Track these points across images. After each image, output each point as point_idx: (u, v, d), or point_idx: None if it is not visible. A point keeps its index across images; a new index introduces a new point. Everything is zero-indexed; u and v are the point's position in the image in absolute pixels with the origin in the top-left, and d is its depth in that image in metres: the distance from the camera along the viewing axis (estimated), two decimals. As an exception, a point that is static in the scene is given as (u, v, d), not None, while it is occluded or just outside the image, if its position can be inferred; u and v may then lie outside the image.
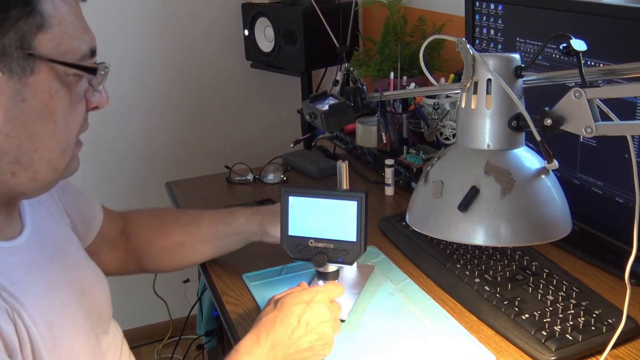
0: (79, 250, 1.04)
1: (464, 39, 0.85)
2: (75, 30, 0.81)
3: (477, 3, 1.43)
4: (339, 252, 1.08)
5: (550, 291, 1.09)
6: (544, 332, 0.99)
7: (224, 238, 1.27)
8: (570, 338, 0.98)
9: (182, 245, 1.28)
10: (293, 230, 1.10)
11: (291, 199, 1.10)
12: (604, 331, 0.99)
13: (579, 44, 0.79)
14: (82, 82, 0.83)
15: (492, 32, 1.41)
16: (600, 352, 0.95)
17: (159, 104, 2.56)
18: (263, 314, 0.99)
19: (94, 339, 0.96)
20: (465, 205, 0.83)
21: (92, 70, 0.82)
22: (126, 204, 2.69)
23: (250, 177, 1.77)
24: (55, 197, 1.06)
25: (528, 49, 1.31)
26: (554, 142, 0.85)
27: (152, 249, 1.28)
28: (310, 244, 1.09)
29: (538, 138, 0.81)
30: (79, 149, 0.88)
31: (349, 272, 1.21)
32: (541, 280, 1.13)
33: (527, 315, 1.03)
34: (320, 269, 1.12)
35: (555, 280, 1.13)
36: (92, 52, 0.84)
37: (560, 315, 1.03)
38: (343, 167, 1.16)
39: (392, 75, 1.83)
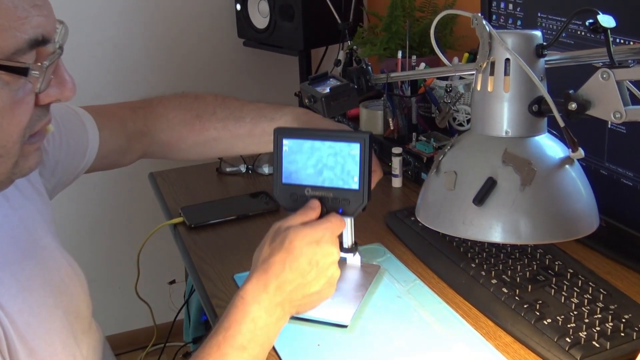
0: (55, 240, 1.04)
1: (479, 14, 0.85)
2: (8, 19, 0.74)
3: (495, -26, 1.43)
4: (340, 201, 1.04)
5: (575, 293, 1.10)
6: (568, 339, 0.99)
7: (264, 136, 1.27)
8: (597, 345, 0.98)
9: (217, 141, 1.29)
10: (287, 178, 1.06)
11: (285, 141, 1.05)
12: (634, 337, 0.99)
13: (607, 20, 0.79)
14: (23, 78, 0.78)
15: (510, 6, 1.41)
16: (630, 360, 0.96)
17: (141, 86, 2.56)
18: (268, 253, 0.96)
19: (72, 341, 0.97)
20: (481, 198, 0.83)
21: (21, 71, 0.76)
22: (106, 195, 2.71)
23: (242, 167, 1.77)
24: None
25: (550, 26, 1.31)
26: (579, 129, 0.85)
27: (183, 145, 1.30)
28: (306, 193, 1.05)
29: (562, 124, 0.81)
30: (36, 145, 0.85)
31: (352, 272, 1.22)
32: (565, 282, 1.13)
33: (549, 320, 1.04)
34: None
35: (580, 282, 1.13)
36: (37, 42, 0.77)
37: (586, 320, 1.03)
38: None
39: (399, 54, 1.82)
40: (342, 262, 1.07)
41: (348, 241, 1.12)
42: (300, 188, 1.05)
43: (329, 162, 1.04)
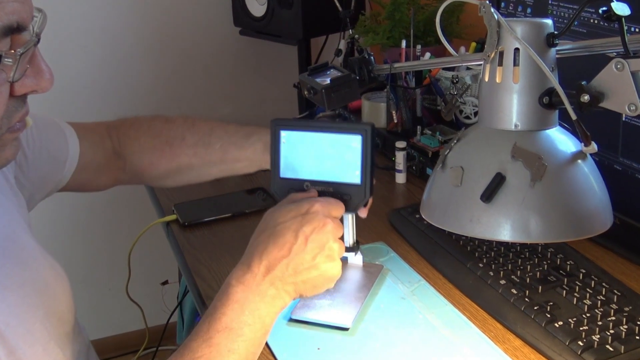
0: (35, 241, 1.04)
1: (487, 2, 0.85)
2: None
3: (504, -41, 1.43)
4: (340, 197, 1.04)
5: (588, 295, 1.10)
6: (580, 343, 0.99)
7: (236, 162, 1.29)
8: (611, 349, 0.98)
9: (190, 168, 1.31)
10: (285, 172, 1.06)
11: (283, 133, 1.05)
12: (649, 341, 1.00)
13: (621, 8, 0.79)
14: None
15: (520, -7, 1.41)
16: (645, 364, 0.96)
17: (132, 78, 2.56)
18: (254, 238, 0.98)
19: (54, 344, 0.97)
20: (489, 195, 0.83)
21: None
22: (97, 196, 2.70)
23: (238, 162, 1.76)
24: (5, 170, 1.06)
25: (562, 14, 1.31)
26: (592, 122, 0.85)
27: (155, 172, 1.32)
28: (305, 188, 1.05)
29: (574, 117, 0.81)
30: (15, 134, 0.85)
31: (354, 272, 1.22)
32: (577, 282, 1.13)
33: (560, 323, 1.04)
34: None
35: (593, 282, 1.13)
36: (11, 29, 0.77)
37: (600, 323, 1.03)
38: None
39: (403, 43, 1.82)
40: (343, 262, 1.06)
41: (349, 240, 1.12)
42: (299, 182, 1.05)
43: (329, 155, 1.04)
